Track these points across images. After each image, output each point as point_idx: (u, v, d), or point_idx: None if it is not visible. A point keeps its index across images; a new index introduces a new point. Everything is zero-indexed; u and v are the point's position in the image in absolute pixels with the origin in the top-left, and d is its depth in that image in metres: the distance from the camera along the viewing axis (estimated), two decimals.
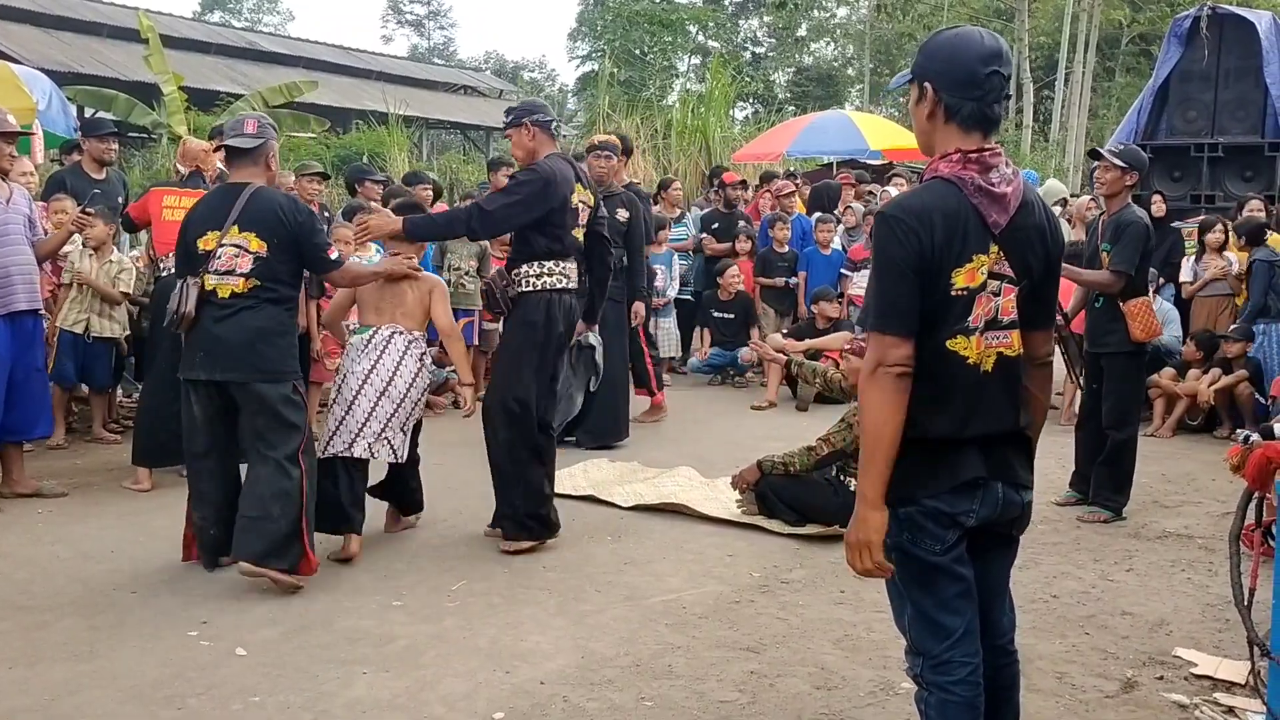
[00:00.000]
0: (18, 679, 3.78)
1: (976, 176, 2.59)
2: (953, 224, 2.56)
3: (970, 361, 2.61)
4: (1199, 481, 7.09)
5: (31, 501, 5.95)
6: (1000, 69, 2.61)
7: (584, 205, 5.49)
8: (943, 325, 2.59)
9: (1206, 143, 10.38)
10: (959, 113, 2.62)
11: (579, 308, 5.55)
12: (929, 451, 2.61)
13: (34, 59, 17.32)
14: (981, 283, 2.60)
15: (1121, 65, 35.06)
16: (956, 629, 2.68)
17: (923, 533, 2.63)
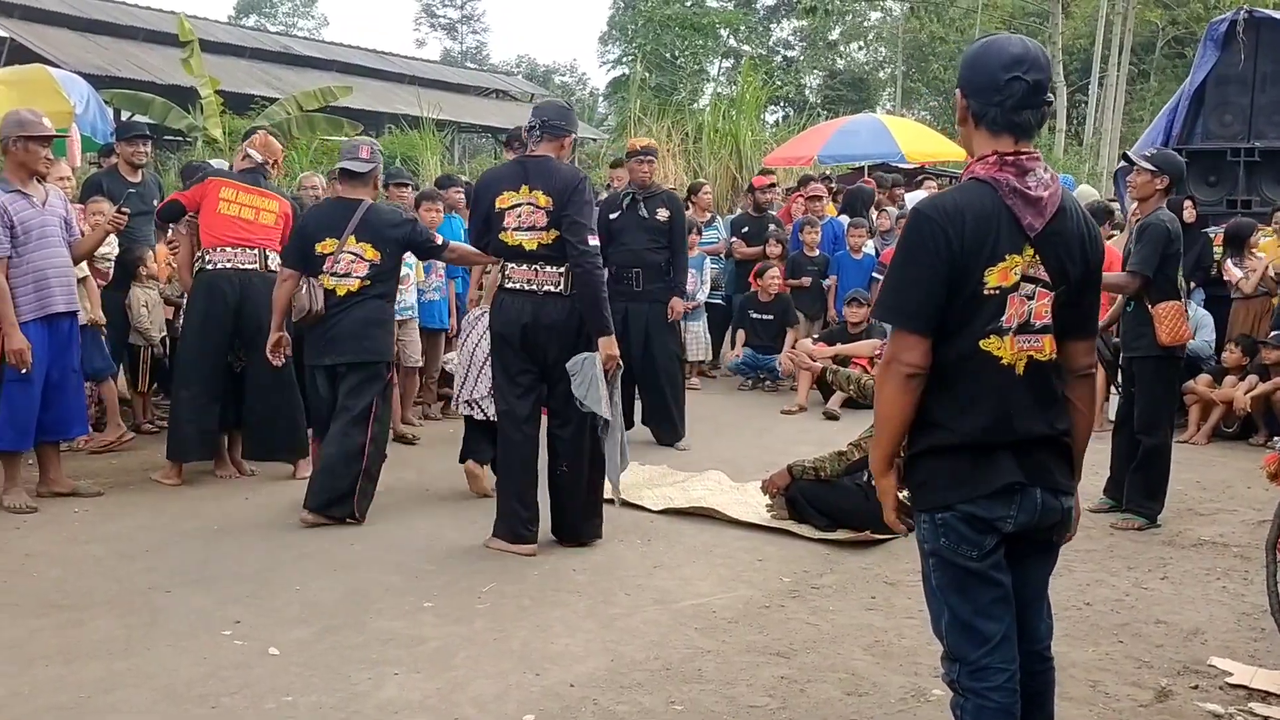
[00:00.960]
0: (53, 676, 3.82)
1: (1012, 179, 2.63)
2: (985, 223, 2.60)
3: (1004, 363, 2.63)
4: (1235, 489, 7.02)
5: (68, 501, 6.01)
6: (1022, 75, 2.62)
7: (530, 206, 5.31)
8: (975, 325, 2.62)
9: (1243, 147, 10.27)
10: (984, 117, 2.67)
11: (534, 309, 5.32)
12: (965, 457, 2.65)
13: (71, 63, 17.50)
14: (1015, 283, 2.62)
15: (1156, 69, 34.76)
16: (994, 635, 2.68)
17: (960, 539, 2.66)
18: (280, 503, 6.14)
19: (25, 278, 5.73)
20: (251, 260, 6.46)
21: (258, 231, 6.50)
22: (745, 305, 10.40)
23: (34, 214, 5.76)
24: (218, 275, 6.43)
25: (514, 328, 5.29)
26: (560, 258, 5.27)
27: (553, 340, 5.30)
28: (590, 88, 53.30)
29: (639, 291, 7.71)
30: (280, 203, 6.65)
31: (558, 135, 5.40)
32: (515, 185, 5.32)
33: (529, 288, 5.30)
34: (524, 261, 5.31)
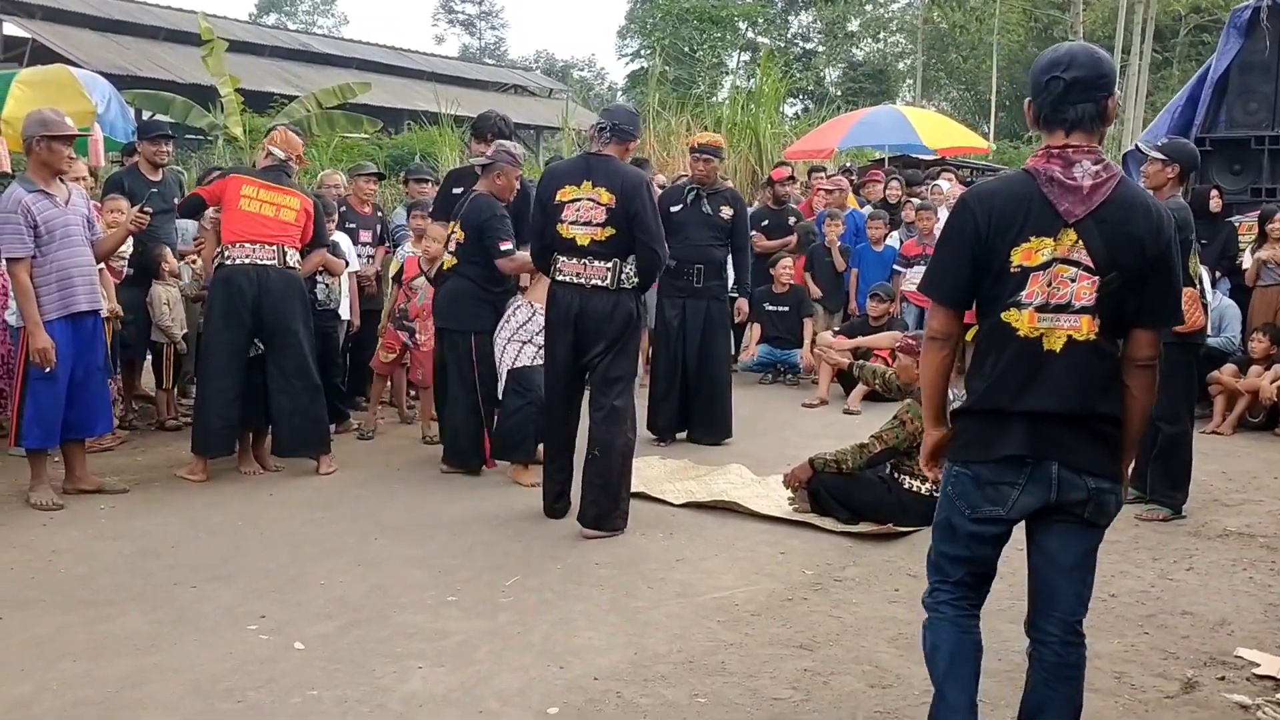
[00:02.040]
0: (81, 671, 3.85)
1: (1056, 169, 2.86)
2: (1015, 207, 2.85)
3: (1021, 334, 2.86)
4: (1261, 479, 6.97)
5: (94, 498, 6.05)
6: (1059, 74, 2.87)
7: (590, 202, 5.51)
8: (1000, 299, 2.89)
9: (1268, 135, 10.19)
10: (1039, 116, 2.96)
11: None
12: (981, 421, 2.93)
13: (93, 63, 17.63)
14: (1041, 263, 2.84)
15: (1179, 57, 34.50)
16: (952, 576, 3.07)
17: (960, 493, 2.96)
18: (304, 499, 6.18)
19: (49, 277, 5.77)
20: (270, 256, 6.47)
21: (277, 228, 6.51)
22: (760, 298, 10.37)
23: (57, 213, 5.80)
24: (235, 270, 6.45)
25: (566, 318, 5.55)
26: (609, 254, 5.48)
27: (599, 331, 5.53)
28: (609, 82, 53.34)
29: (699, 288, 7.64)
30: (302, 200, 6.66)
31: (625, 139, 5.65)
32: (578, 180, 5.52)
33: (578, 281, 5.53)
34: (574, 255, 5.53)
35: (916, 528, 5.66)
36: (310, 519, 5.77)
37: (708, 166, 7.72)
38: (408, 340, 7.77)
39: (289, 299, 6.49)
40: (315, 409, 6.64)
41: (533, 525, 5.69)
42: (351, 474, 6.76)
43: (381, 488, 6.44)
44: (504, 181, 6.63)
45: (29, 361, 5.74)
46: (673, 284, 7.63)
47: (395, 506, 6.02)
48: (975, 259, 2.88)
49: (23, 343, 5.76)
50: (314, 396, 6.62)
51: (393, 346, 7.84)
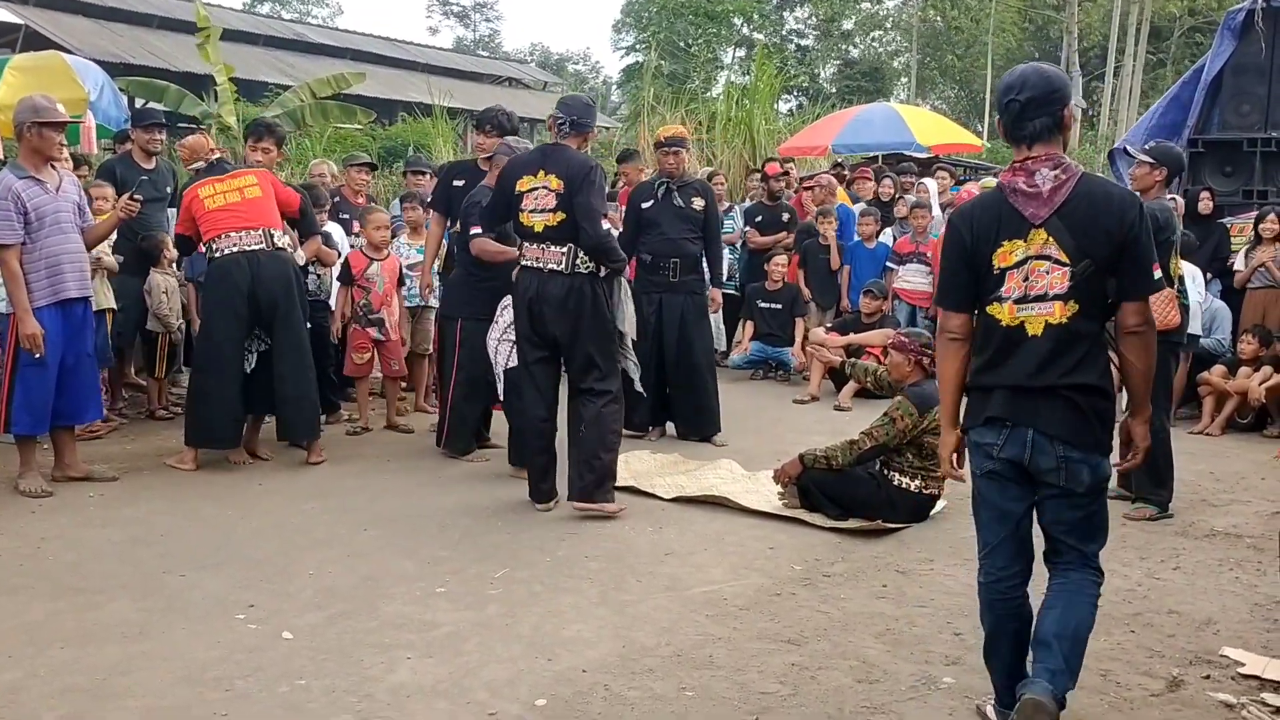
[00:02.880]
0: (70, 658, 3.85)
1: (1019, 180, 3.28)
2: (987, 219, 3.33)
3: (1003, 323, 3.31)
4: (1248, 480, 7.00)
5: (83, 485, 6.05)
6: (1014, 97, 3.28)
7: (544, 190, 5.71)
8: (986, 295, 3.35)
9: (1260, 137, 10.22)
10: (1006, 134, 3.36)
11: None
12: (976, 396, 3.41)
13: (86, 50, 17.56)
14: (1015, 262, 3.28)
15: (1173, 58, 34.56)
16: (990, 542, 3.48)
17: (971, 456, 3.47)
18: (294, 489, 6.18)
19: (39, 263, 5.76)
20: (257, 241, 6.43)
21: (252, 210, 6.44)
22: (754, 295, 10.38)
23: (47, 200, 5.79)
24: (227, 260, 6.42)
25: (524, 301, 5.77)
26: (563, 239, 5.67)
27: (556, 316, 5.70)
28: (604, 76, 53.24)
29: (675, 282, 7.58)
30: (256, 173, 6.58)
31: (583, 132, 5.89)
32: (534, 170, 5.76)
33: (536, 265, 5.74)
34: (534, 241, 5.75)
35: (905, 524, 5.68)
36: (300, 509, 5.77)
37: (677, 159, 7.65)
38: (378, 334, 7.72)
39: (283, 281, 6.46)
40: (313, 393, 6.69)
41: (522, 518, 5.70)
42: (342, 465, 6.76)
43: (372, 479, 6.44)
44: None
45: (19, 348, 5.73)
46: (649, 279, 7.61)
47: (385, 498, 6.02)
48: (969, 267, 3.35)
49: (12, 329, 5.75)
50: (312, 381, 6.66)
51: (364, 347, 7.68)
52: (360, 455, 7.04)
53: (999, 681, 3.49)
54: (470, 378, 6.75)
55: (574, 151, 5.80)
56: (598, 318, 5.74)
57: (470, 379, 6.76)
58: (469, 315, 6.67)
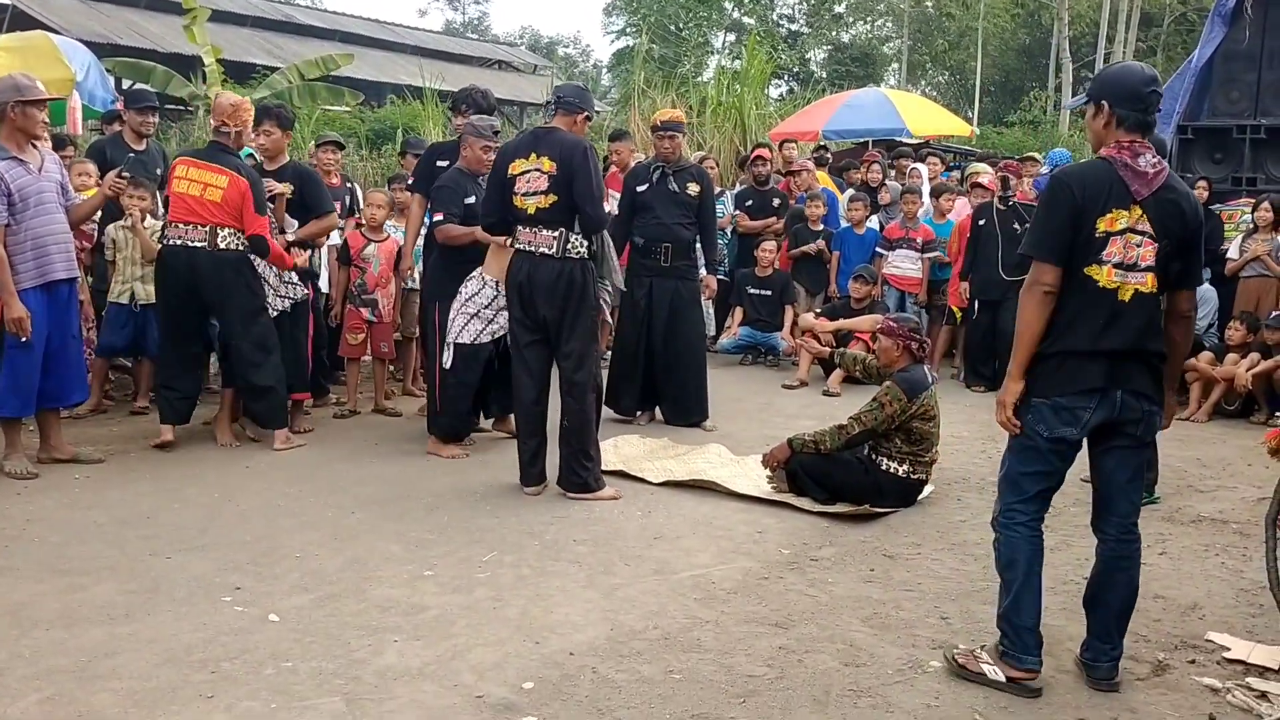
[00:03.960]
0: (55, 640, 3.84)
1: (1127, 158, 3.55)
2: (1099, 186, 3.55)
3: (1101, 285, 3.54)
4: (1234, 466, 7.03)
5: (69, 467, 6.02)
6: (1156, 89, 3.63)
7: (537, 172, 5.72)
8: (1084, 257, 3.54)
9: (1249, 124, 10.23)
10: (1126, 120, 3.60)
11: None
12: (1066, 361, 3.56)
13: (73, 30, 17.46)
14: (1119, 229, 3.54)
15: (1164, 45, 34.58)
16: (1028, 492, 3.70)
17: (1039, 419, 3.61)
18: (281, 472, 6.16)
19: (24, 245, 5.72)
20: (201, 238, 6.31)
21: (205, 208, 6.31)
22: (743, 281, 10.35)
23: (31, 180, 5.75)
24: (168, 251, 6.42)
25: (516, 283, 5.79)
26: (555, 222, 5.69)
27: (546, 299, 5.71)
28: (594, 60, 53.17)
29: (666, 267, 7.53)
30: (232, 178, 6.33)
31: (571, 111, 5.86)
32: (526, 154, 5.76)
33: (529, 248, 5.76)
34: (527, 224, 5.76)
35: (893, 509, 5.69)
36: (287, 492, 5.76)
37: (674, 143, 7.61)
38: (370, 316, 7.71)
39: (220, 281, 6.37)
40: (273, 382, 6.55)
41: (511, 502, 5.70)
42: (329, 448, 6.74)
43: (359, 462, 6.43)
44: (469, 153, 6.73)
45: (4, 331, 5.69)
46: (640, 263, 7.59)
47: (373, 481, 6.01)
48: (1073, 225, 3.53)
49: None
50: (271, 370, 6.53)
51: (358, 327, 7.71)
52: (348, 438, 7.02)
53: (1030, 623, 3.68)
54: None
55: (566, 133, 5.79)
56: (584, 305, 5.74)
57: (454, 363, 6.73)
58: (449, 297, 6.65)
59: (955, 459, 6.74)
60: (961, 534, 5.39)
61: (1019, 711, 3.54)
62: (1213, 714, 3.55)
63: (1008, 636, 3.70)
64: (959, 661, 3.76)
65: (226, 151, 6.46)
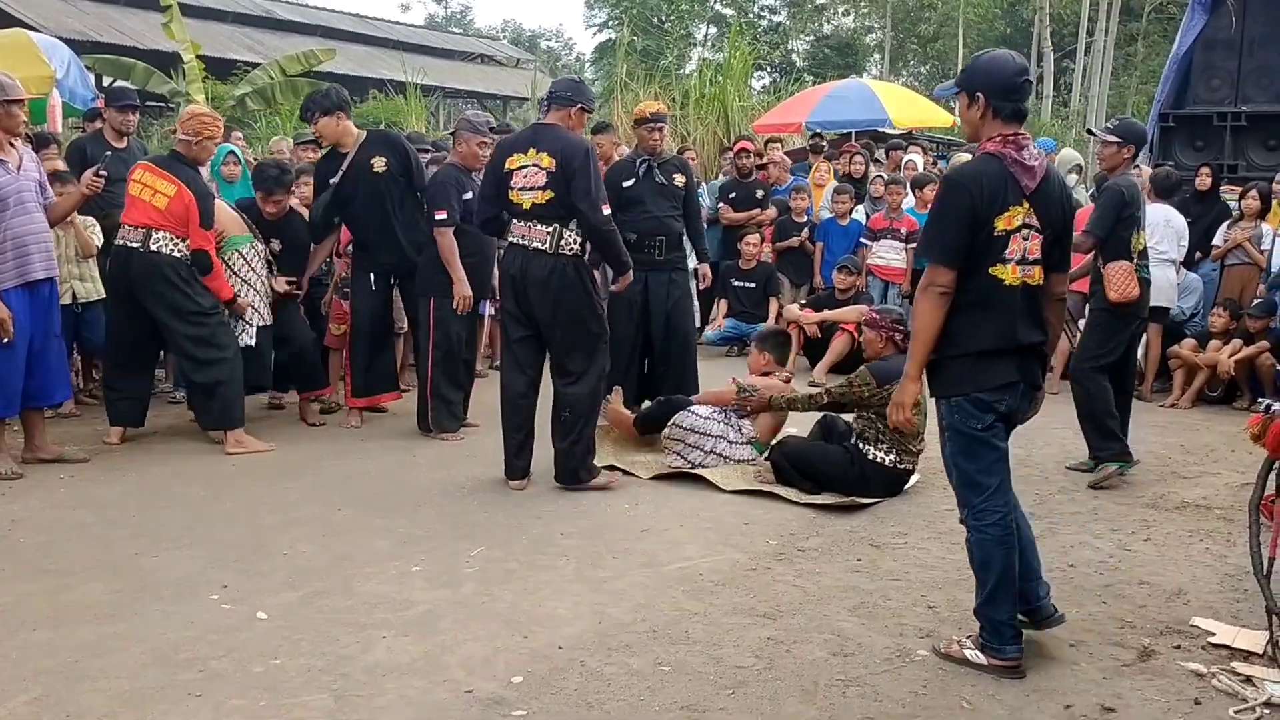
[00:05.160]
0: (42, 640, 3.83)
1: (1013, 153, 3.61)
2: (994, 185, 3.59)
3: (1007, 283, 3.62)
4: (1218, 452, 7.06)
5: (54, 466, 6.00)
6: (1027, 77, 3.69)
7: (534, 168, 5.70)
8: (987, 258, 3.60)
9: (1230, 111, 10.27)
10: (1001, 111, 3.66)
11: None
12: (980, 360, 3.65)
13: (52, 27, 17.34)
14: (1016, 226, 3.61)
15: (1144, 34, 34.66)
16: (990, 486, 3.73)
17: (968, 415, 3.68)
18: (267, 469, 6.15)
19: (4, 245, 5.68)
20: (137, 239, 6.32)
21: (146, 212, 6.31)
22: (727, 273, 10.35)
23: (9, 180, 5.71)
24: (114, 252, 6.53)
25: (509, 277, 5.78)
26: (550, 218, 5.65)
27: (539, 295, 5.69)
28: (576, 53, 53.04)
29: (660, 260, 7.45)
30: (180, 188, 6.30)
31: (564, 104, 5.77)
32: (524, 149, 5.73)
33: (522, 242, 5.73)
34: (522, 219, 5.72)
35: (879, 498, 5.70)
36: (273, 489, 5.74)
37: (660, 135, 7.56)
38: None
39: (148, 281, 6.33)
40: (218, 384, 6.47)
41: (498, 496, 5.70)
42: (316, 444, 6.73)
43: (346, 458, 6.41)
44: (463, 149, 6.70)
45: None
46: (634, 257, 7.56)
47: (360, 477, 6.01)
48: (971, 227, 3.57)
49: None
50: (218, 370, 6.45)
51: (341, 317, 7.69)
52: (334, 434, 7.01)
53: (1007, 617, 3.73)
54: (447, 356, 6.74)
55: (566, 131, 5.73)
56: (578, 300, 5.70)
57: (447, 357, 6.75)
58: (441, 292, 6.65)
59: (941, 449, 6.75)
60: (948, 522, 5.40)
61: (1006, 699, 3.55)
62: (1198, 698, 3.58)
63: (985, 630, 3.75)
64: (943, 652, 3.84)
65: (181, 161, 6.44)
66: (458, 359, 6.82)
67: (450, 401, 6.89)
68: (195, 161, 6.50)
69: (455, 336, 6.77)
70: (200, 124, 6.44)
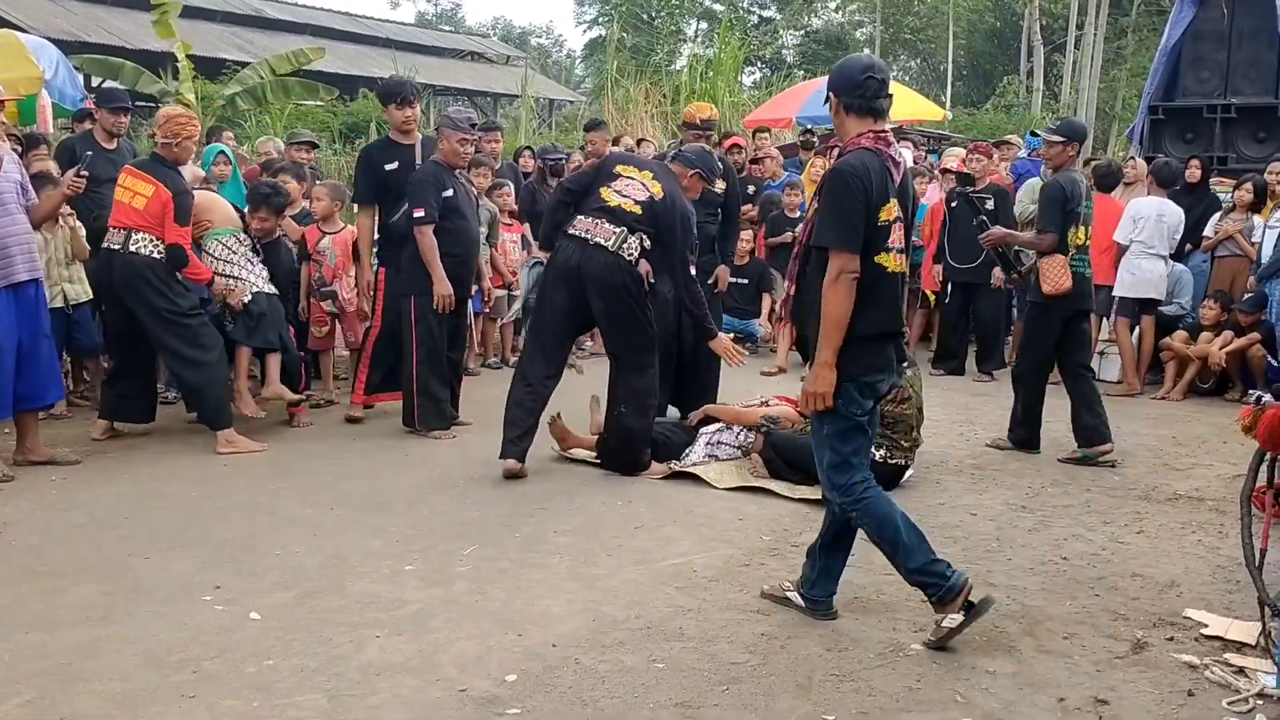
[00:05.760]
0: (35, 643, 3.81)
1: (884, 148, 3.85)
2: (879, 178, 3.80)
3: (890, 270, 3.85)
4: (1210, 444, 7.08)
5: (45, 469, 5.98)
6: (874, 75, 3.87)
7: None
8: (874, 246, 3.81)
9: (1219, 104, 10.29)
10: (851, 108, 3.90)
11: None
12: (867, 344, 3.84)
13: (40, 28, 17.29)
14: (895, 217, 3.85)
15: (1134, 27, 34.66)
16: (858, 465, 3.96)
17: (852, 401, 3.86)
18: (259, 469, 6.13)
19: None
20: (118, 241, 6.34)
21: (128, 214, 6.33)
22: None
23: None
24: (100, 254, 6.58)
25: (562, 269, 5.88)
26: (623, 224, 5.83)
27: (595, 290, 5.82)
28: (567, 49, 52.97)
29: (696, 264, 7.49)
30: (158, 189, 6.29)
31: (686, 165, 6.19)
32: (641, 167, 6.09)
33: (583, 235, 5.85)
34: (595, 215, 5.88)
35: None
36: (266, 489, 5.73)
37: (709, 142, 7.44)
38: (332, 308, 7.73)
39: (126, 284, 6.35)
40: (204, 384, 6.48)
41: (491, 495, 5.69)
42: (307, 444, 6.72)
43: (338, 458, 6.40)
44: (445, 146, 6.73)
45: None
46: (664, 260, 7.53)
47: (351, 477, 6.00)
48: (867, 215, 3.76)
49: None
50: (199, 371, 6.45)
51: (322, 320, 7.79)
52: (326, 434, 7.00)
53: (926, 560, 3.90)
54: (431, 353, 6.73)
55: (678, 186, 6.05)
56: (632, 299, 5.84)
57: (431, 354, 6.73)
58: (421, 290, 6.64)
59: (933, 442, 6.76)
60: (940, 516, 5.42)
61: (1000, 692, 3.56)
62: (1191, 690, 3.59)
63: (928, 585, 3.88)
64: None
65: (161, 163, 6.43)
66: (441, 356, 6.81)
67: (438, 399, 6.87)
68: (176, 162, 6.47)
69: (438, 334, 6.75)
70: (177, 125, 6.41)
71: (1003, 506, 5.65)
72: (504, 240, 9.00)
